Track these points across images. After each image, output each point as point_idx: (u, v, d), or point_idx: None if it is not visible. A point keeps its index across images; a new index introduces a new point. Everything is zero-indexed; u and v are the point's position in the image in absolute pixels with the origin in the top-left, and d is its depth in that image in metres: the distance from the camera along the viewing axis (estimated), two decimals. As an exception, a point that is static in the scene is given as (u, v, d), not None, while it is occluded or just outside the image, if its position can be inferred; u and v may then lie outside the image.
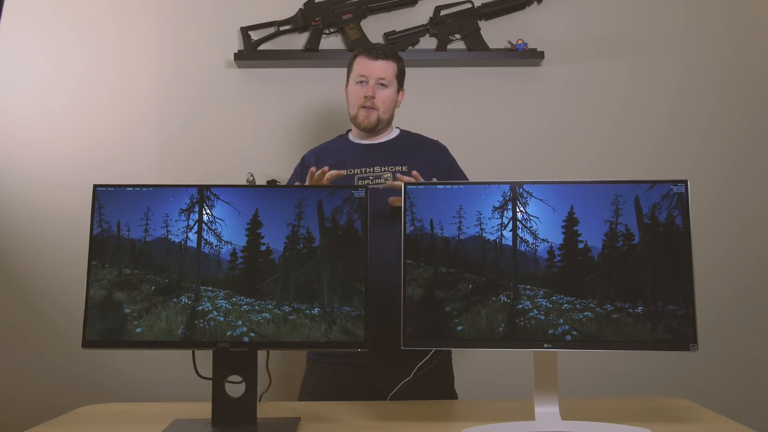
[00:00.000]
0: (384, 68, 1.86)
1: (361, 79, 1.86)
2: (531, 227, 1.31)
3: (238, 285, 1.32)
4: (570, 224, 1.31)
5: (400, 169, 1.84)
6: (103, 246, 1.33)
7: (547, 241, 1.30)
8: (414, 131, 2.01)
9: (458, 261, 1.31)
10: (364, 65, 1.86)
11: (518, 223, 1.32)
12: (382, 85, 1.86)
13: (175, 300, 1.31)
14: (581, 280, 1.28)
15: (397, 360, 1.60)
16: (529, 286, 1.29)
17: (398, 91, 1.93)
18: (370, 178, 1.83)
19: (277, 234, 1.34)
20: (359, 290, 1.31)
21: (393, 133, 1.96)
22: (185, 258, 1.32)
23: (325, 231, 1.34)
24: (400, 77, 1.92)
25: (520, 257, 1.30)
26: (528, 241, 1.31)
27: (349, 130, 1.99)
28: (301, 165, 1.97)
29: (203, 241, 1.33)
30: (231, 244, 1.34)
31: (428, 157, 1.91)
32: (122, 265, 1.33)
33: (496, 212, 1.32)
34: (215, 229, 1.34)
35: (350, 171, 1.85)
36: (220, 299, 1.31)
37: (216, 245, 1.34)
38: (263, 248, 1.34)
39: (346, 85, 1.94)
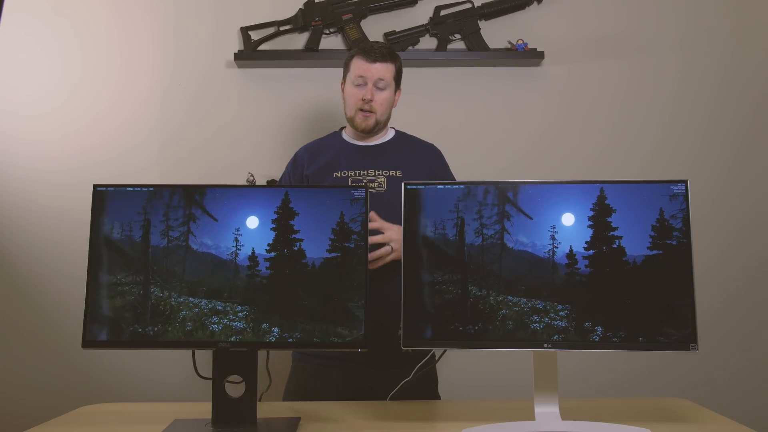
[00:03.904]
0: (383, 71, 1.82)
1: (359, 81, 1.82)
2: (524, 229, 1.31)
3: (257, 299, 1.30)
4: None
5: (393, 173, 1.82)
6: (103, 246, 1.33)
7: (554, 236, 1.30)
8: (413, 131, 2.00)
9: (459, 263, 1.31)
10: (362, 67, 1.82)
11: (513, 223, 1.31)
12: (380, 88, 1.82)
13: (175, 302, 1.31)
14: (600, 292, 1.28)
15: (384, 362, 1.61)
16: (540, 302, 1.28)
17: (395, 92, 1.89)
18: (364, 181, 1.81)
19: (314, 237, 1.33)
20: (360, 291, 1.31)
21: (388, 135, 1.93)
22: (186, 259, 1.32)
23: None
24: (398, 77, 1.88)
25: (533, 262, 1.30)
26: (532, 245, 1.31)
27: (343, 128, 1.97)
28: (293, 163, 1.93)
29: (206, 242, 1.33)
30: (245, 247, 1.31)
31: (422, 162, 1.89)
32: (122, 266, 1.32)
33: (496, 212, 1.32)
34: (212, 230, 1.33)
35: (343, 173, 1.83)
36: (237, 320, 1.29)
37: (232, 249, 1.32)
38: (294, 248, 1.31)
39: (342, 83, 1.91)
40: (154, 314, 1.30)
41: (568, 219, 1.30)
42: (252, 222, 1.33)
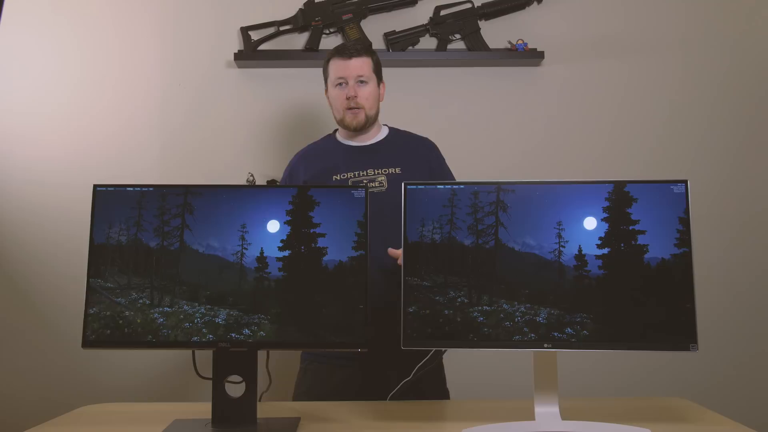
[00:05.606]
0: (360, 65, 1.83)
1: (340, 81, 1.84)
2: (521, 228, 1.31)
3: (265, 305, 1.27)
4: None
5: (393, 171, 1.83)
6: (103, 246, 1.33)
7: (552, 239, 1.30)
8: (413, 131, 1.99)
9: (459, 264, 1.31)
10: (339, 66, 1.84)
11: (513, 222, 1.31)
12: (361, 82, 1.83)
13: (174, 304, 1.31)
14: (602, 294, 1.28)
15: (394, 362, 1.60)
16: (548, 309, 1.27)
17: (379, 85, 1.90)
18: (364, 181, 1.82)
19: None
20: (360, 290, 1.31)
21: (382, 133, 1.93)
22: (188, 261, 1.32)
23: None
24: (378, 70, 1.89)
25: (537, 265, 1.30)
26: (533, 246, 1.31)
27: (336, 130, 1.97)
28: (289, 173, 1.94)
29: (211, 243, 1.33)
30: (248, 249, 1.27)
31: (420, 158, 1.89)
32: (122, 266, 1.32)
33: (496, 213, 1.32)
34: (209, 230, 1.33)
35: (343, 175, 1.83)
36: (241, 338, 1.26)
37: (237, 250, 1.30)
38: (312, 246, 1.26)
39: (326, 90, 1.92)
40: (153, 315, 1.30)
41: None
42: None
